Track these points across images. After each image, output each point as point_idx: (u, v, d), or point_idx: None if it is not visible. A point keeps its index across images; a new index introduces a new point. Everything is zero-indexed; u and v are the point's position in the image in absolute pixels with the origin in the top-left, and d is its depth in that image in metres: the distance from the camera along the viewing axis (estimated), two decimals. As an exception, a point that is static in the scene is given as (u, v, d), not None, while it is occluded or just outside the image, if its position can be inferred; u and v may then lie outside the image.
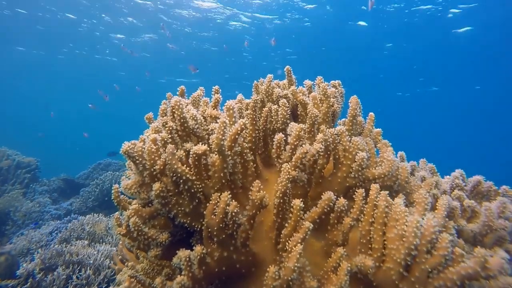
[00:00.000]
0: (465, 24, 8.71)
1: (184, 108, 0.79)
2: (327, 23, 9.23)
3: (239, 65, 12.48)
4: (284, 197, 0.70)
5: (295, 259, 0.61)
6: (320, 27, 9.45)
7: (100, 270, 2.03)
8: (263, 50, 10.92)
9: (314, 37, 9.94)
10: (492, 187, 1.00)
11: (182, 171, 0.71)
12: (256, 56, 11.78)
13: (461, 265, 0.60)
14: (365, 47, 10.31)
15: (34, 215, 3.79)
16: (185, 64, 10.46)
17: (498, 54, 9.59)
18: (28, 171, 4.68)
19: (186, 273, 0.68)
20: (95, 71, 14.41)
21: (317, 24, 9.41)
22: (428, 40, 9.58)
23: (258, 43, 10.30)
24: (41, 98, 21.19)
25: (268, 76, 1.01)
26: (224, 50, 10.10)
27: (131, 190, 0.77)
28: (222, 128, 0.70)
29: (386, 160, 0.81)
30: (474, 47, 9.48)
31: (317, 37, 9.88)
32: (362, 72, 12.02)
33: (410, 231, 0.62)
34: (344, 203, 0.72)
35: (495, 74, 10.78)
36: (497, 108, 13.85)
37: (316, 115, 0.85)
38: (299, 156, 0.75)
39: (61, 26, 10.30)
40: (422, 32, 9.23)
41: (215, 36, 10.53)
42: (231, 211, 0.68)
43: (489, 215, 0.83)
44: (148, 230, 0.75)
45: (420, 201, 0.70)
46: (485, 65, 10.36)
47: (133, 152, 0.73)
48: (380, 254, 0.66)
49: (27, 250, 2.67)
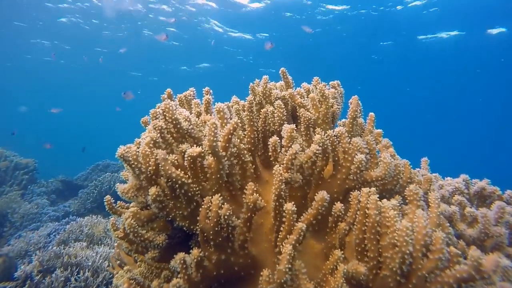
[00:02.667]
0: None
1: (174, 110, 0.78)
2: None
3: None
4: (279, 200, 0.70)
5: (285, 261, 0.61)
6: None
7: (99, 272, 2.02)
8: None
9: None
10: (496, 192, 0.99)
11: (177, 175, 0.70)
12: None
13: (457, 267, 0.60)
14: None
15: (32, 216, 3.78)
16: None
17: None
18: (26, 173, 4.66)
19: (182, 275, 0.67)
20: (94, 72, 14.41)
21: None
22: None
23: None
24: (39, 98, 21.14)
25: (264, 77, 1.01)
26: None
27: (128, 194, 0.76)
28: (212, 129, 0.70)
29: (383, 163, 0.80)
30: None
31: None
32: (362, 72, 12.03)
33: (401, 241, 0.61)
34: (340, 208, 0.72)
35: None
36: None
37: (309, 118, 0.85)
38: (289, 157, 0.75)
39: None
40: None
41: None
42: (223, 214, 0.67)
43: (485, 222, 0.83)
44: (145, 232, 0.74)
45: (412, 199, 0.68)
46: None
47: (128, 156, 0.73)
48: (376, 262, 0.66)
49: (25, 252, 2.66)
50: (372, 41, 10.27)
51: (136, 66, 13.80)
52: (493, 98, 12.95)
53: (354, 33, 9.68)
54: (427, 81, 12.77)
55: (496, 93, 12.46)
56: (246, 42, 10.86)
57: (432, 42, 9.87)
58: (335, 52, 10.84)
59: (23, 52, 12.56)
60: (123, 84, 13.86)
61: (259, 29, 10.07)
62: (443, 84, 12.55)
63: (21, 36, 11.17)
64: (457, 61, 10.47)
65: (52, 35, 11.15)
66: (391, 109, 16.17)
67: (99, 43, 11.62)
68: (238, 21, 9.65)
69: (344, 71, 11.72)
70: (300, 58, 11.21)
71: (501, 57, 9.88)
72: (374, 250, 0.65)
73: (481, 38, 9.14)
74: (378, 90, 13.67)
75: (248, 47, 11.20)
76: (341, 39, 10.21)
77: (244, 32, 10.38)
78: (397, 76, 12.33)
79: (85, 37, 11.07)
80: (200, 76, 14.17)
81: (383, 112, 10.08)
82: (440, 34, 9.41)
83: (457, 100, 13.99)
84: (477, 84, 11.86)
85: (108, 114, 26.31)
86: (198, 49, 11.46)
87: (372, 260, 0.66)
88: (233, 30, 10.35)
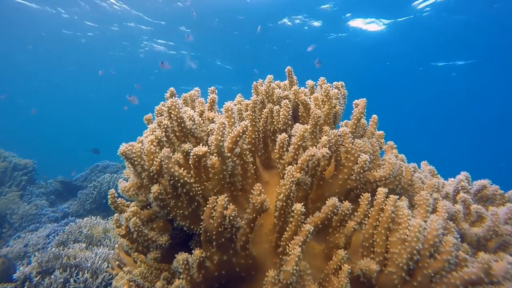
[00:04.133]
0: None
1: (181, 108, 0.78)
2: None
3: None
4: (287, 200, 0.69)
5: (293, 262, 0.60)
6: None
7: (98, 273, 2.01)
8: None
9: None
10: (497, 191, 0.99)
11: (180, 174, 0.69)
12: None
13: (465, 270, 0.59)
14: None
15: (31, 217, 3.76)
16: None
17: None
18: (25, 173, 4.65)
19: (184, 276, 0.67)
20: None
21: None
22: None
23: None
24: (37, 98, 21.18)
25: (268, 77, 1.01)
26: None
27: (129, 192, 0.76)
28: (221, 129, 0.69)
29: (388, 163, 0.80)
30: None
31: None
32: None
33: (412, 236, 0.61)
34: (348, 207, 0.71)
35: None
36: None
37: (319, 115, 0.84)
38: (306, 158, 0.74)
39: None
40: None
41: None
42: (228, 215, 0.66)
43: (495, 220, 0.82)
44: (148, 232, 0.74)
45: (421, 203, 0.69)
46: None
47: (131, 154, 0.72)
48: (383, 258, 0.65)
49: (24, 253, 2.65)
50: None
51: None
52: (494, 98, 13.01)
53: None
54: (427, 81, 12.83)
55: (496, 94, 12.54)
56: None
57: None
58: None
59: (22, 53, 12.62)
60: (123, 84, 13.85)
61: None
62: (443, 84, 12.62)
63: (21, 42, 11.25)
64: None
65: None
66: (392, 109, 16.22)
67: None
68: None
69: (344, 72, 11.77)
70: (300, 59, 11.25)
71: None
72: (382, 246, 0.66)
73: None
74: (378, 89, 13.71)
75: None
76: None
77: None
78: (396, 75, 12.39)
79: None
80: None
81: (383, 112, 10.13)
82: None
83: (458, 100, 14.06)
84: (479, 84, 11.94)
85: (108, 114, 26.35)
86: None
87: (378, 255, 0.66)
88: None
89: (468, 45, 9.45)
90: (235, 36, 10.21)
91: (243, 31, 9.81)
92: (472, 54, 9.99)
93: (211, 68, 13.02)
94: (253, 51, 11.09)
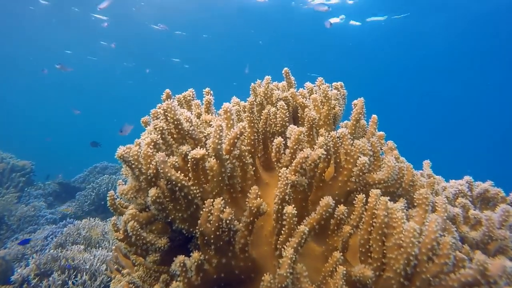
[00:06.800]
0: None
1: (177, 110, 0.77)
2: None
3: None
4: (283, 203, 0.69)
5: (287, 265, 0.59)
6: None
7: (96, 275, 2.00)
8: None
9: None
10: (499, 194, 0.98)
11: (177, 178, 0.69)
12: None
13: (462, 272, 0.59)
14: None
15: (29, 219, 3.74)
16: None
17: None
18: (22, 175, 4.63)
19: (182, 279, 0.66)
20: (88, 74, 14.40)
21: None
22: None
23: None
24: (35, 98, 21.11)
25: (266, 78, 1.00)
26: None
27: (127, 195, 0.75)
28: (218, 131, 0.69)
29: (387, 166, 0.79)
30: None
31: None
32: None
33: (407, 242, 0.60)
34: (344, 211, 0.70)
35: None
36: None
37: (313, 118, 0.84)
38: (299, 161, 0.73)
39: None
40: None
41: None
42: (225, 218, 0.66)
43: (489, 225, 0.82)
44: (147, 235, 0.73)
45: (421, 202, 0.67)
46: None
47: (129, 157, 0.72)
48: (380, 264, 0.65)
49: (21, 255, 2.64)
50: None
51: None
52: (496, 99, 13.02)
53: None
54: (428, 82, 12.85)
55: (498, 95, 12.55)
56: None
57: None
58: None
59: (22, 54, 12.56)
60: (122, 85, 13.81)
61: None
62: (443, 84, 12.64)
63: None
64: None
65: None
66: (391, 109, 16.23)
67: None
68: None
69: (343, 72, 11.78)
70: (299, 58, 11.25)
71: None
72: (378, 251, 0.65)
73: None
74: (379, 90, 13.72)
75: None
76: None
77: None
78: (397, 76, 12.41)
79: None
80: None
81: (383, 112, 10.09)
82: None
83: (459, 101, 14.07)
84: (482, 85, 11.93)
85: (107, 115, 26.28)
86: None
87: (376, 261, 0.65)
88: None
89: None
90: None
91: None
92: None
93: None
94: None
